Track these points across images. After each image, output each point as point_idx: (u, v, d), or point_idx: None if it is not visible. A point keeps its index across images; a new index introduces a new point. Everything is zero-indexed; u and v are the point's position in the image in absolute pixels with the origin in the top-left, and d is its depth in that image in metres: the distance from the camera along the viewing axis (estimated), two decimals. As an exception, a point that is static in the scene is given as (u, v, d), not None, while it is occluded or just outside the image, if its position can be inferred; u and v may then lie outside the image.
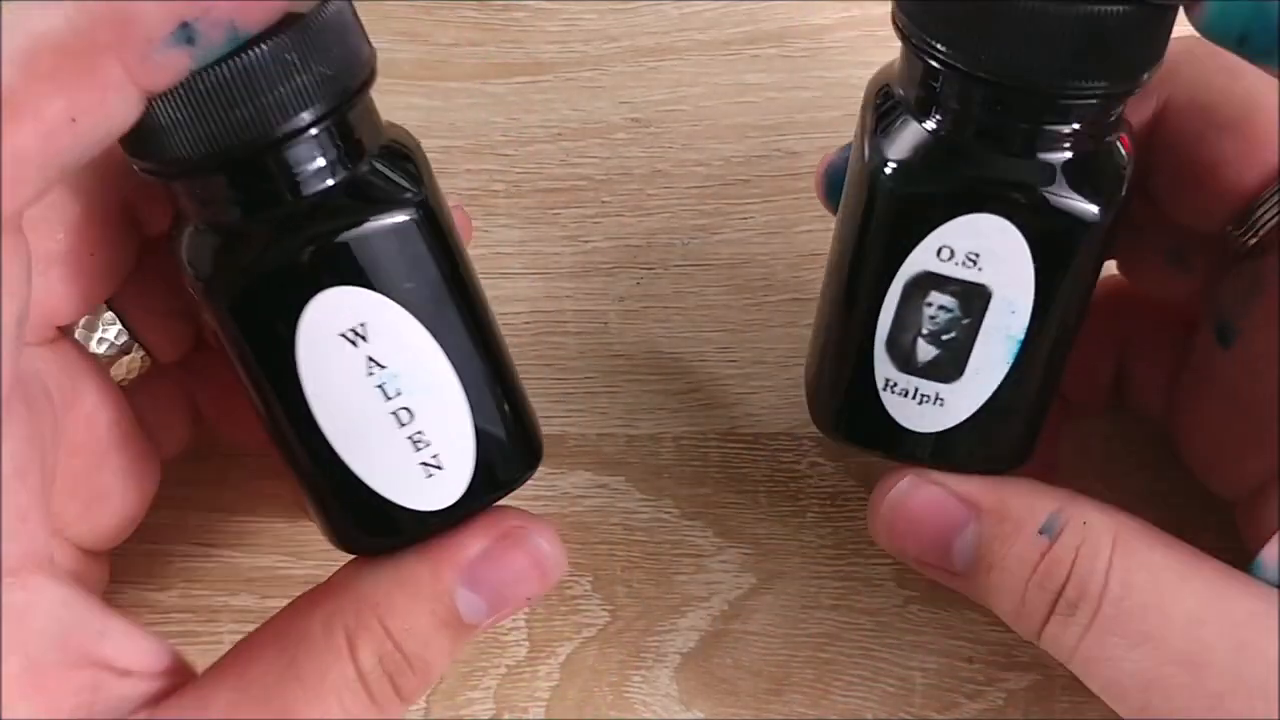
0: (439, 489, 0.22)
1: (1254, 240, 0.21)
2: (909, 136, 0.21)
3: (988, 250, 0.21)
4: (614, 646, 0.29)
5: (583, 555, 0.29)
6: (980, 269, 0.21)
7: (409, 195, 0.21)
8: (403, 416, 0.21)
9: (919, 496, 0.23)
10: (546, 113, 0.31)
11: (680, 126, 0.30)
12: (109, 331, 0.24)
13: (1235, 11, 0.16)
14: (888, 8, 0.19)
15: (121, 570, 0.29)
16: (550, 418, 0.30)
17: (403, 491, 0.22)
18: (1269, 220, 0.21)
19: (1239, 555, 0.21)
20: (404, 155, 0.22)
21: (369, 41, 0.21)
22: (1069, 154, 0.20)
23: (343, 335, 0.21)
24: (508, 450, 0.23)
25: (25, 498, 0.19)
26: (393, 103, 0.30)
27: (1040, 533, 0.22)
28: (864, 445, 0.24)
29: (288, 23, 0.19)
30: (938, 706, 0.28)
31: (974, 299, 0.21)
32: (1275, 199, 0.21)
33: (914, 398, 0.23)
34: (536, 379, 0.30)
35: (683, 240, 0.30)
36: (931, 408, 0.23)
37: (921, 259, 0.21)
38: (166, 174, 0.20)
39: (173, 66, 0.18)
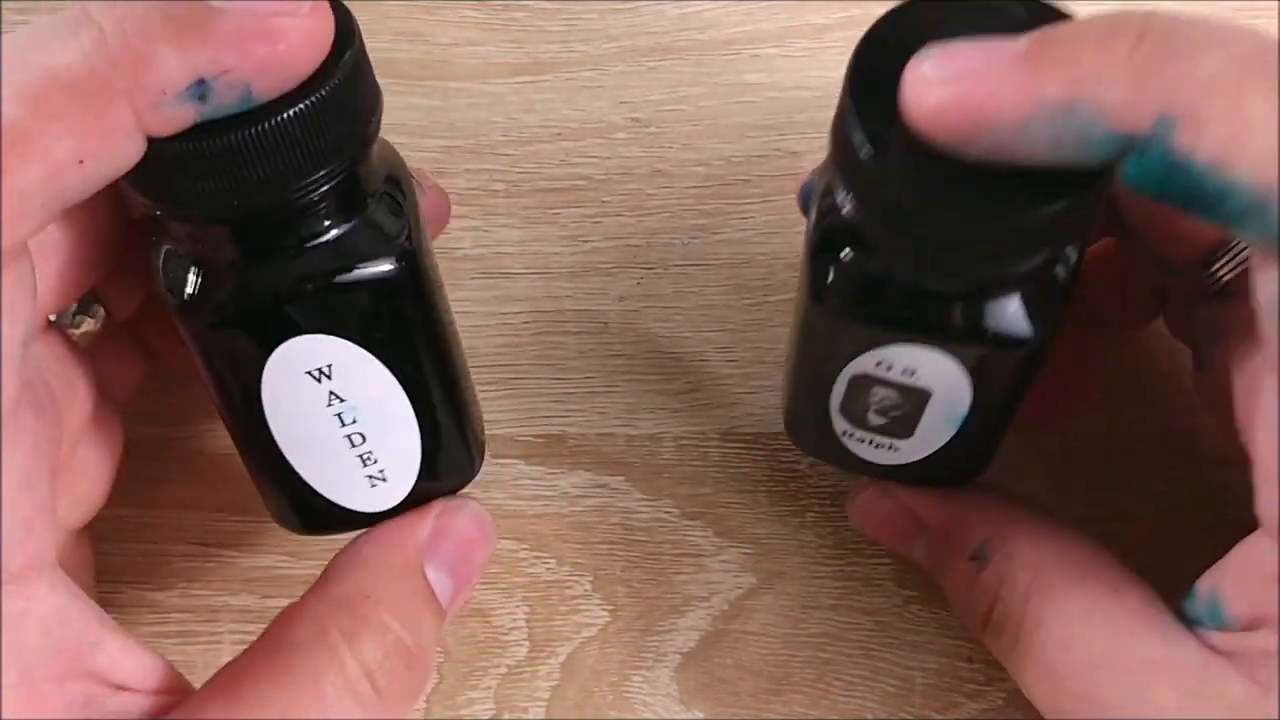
0: (381, 496, 0.23)
1: (1217, 286, 0.21)
2: (846, 263, 0.21)
3: (923, 367, 0.21)
4: (614, 646, 0.29)
5: (583, 555, 0.29)
6: (918, 378, 0.22)
7: (394, 248, 0.21)
8: (355, 440, 0.22)
9: (879, 508, 0.26)
10: (546, 113, 0.31)
11: (680, 126, 0.30)
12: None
13: (1150, 172, 0.17)
14: (888, 8, 0.19)
15: (121, 570, 0.29)
16: (550, 418, 0.30)
17: (346, 496, 0.23)
18: (1226, 272, 0.21)
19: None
20: (395, 196, 0.21)
21: (375, 81, 0.20)
22: (1005, 285, 0.20)
23: (309, 372, 0.21)
24: (451, 463, 0.24)
25: (31, 508, 0.19)
26: (393, 103, 0.30)
27: (971, 559, 0.23)
28: (834, 465, 0.26)
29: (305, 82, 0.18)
30: (938, 706, 0.28)
31: (914, 396, 0.22)
32: (1233, 250, 0.21)
33: (870, 444, 0.24)
34: (536, 379, 0.30)
35: (683, 240, 0.30)
36: (886, 451, 0.24)
37: (862, 365, 0.22)
38: (166, 216, 0.20)
39: (179, 120, 0.17)
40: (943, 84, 0.17)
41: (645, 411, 0.30)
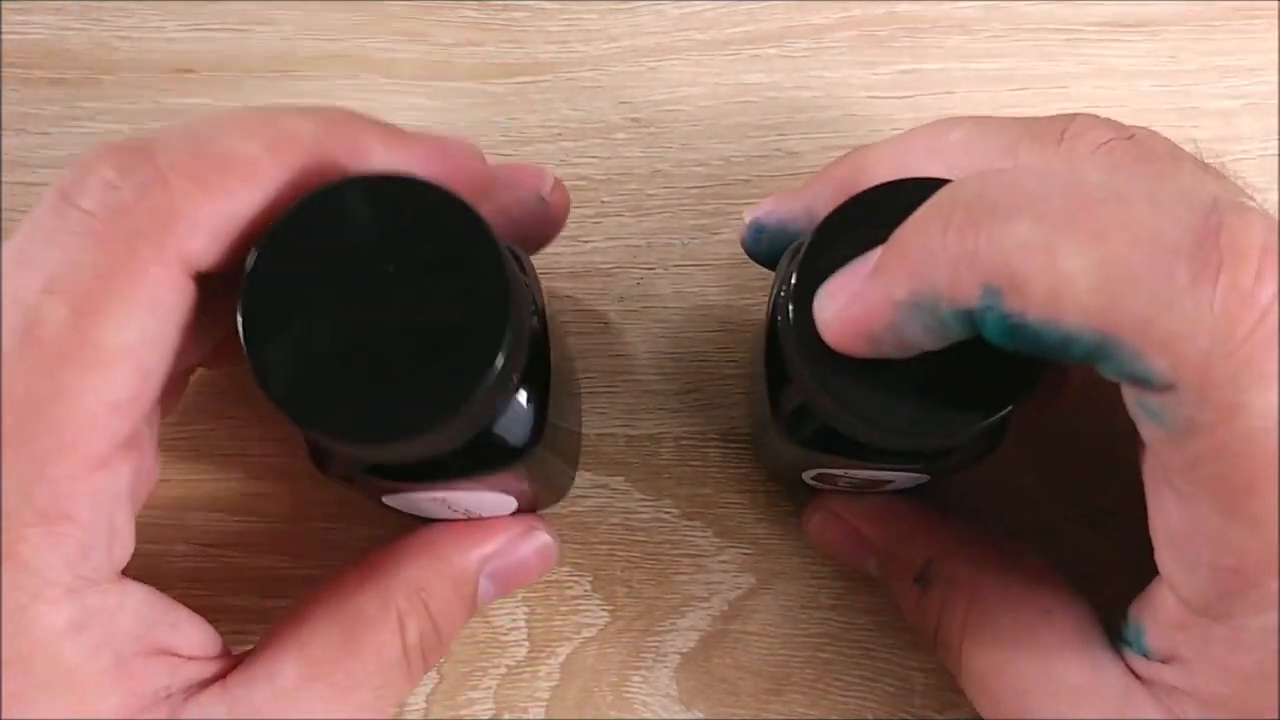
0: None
1: None
2: (791, 392, 0.22)
3: (878, 471, 0.23)
4: (614, 646, 0.29)
5: (583, 555, 0.29)
6: (876, 474, 0.24)
7: (528, 432, 0.21)
8: (456, 512, 0.25)
9: (829, 531, 0.27)
10: (546, 113, 0.31)
11: (680, 126, 0.30)
12: None
13: (997, 333, 0.18)
14: (888, 8, 0.19)
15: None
16: (550, 418, 0.30)
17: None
18: None
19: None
20: (541, 367, 0.22)
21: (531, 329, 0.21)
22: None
23: (429, 496, 0.23)
24: (545, 503, 0.28)
25: (124, 518, 0.21)
26: (393, 103, 0.30)
27: (915, 581, 0.25)
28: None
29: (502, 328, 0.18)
30: (938, 706, 0.28)
31: (878, 481, 0.25)
32: None
33: (839, 484, 0.26)
34: (536, 379, 0.30)
35: (683, 240, 0.30)
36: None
37: (822, 465, 0.24)
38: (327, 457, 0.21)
39: None
40: (832, 311, 0.19)
41: (645, 411, 0.30)
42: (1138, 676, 0.21)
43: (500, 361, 0.18)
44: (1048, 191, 0.17)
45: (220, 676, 0.22)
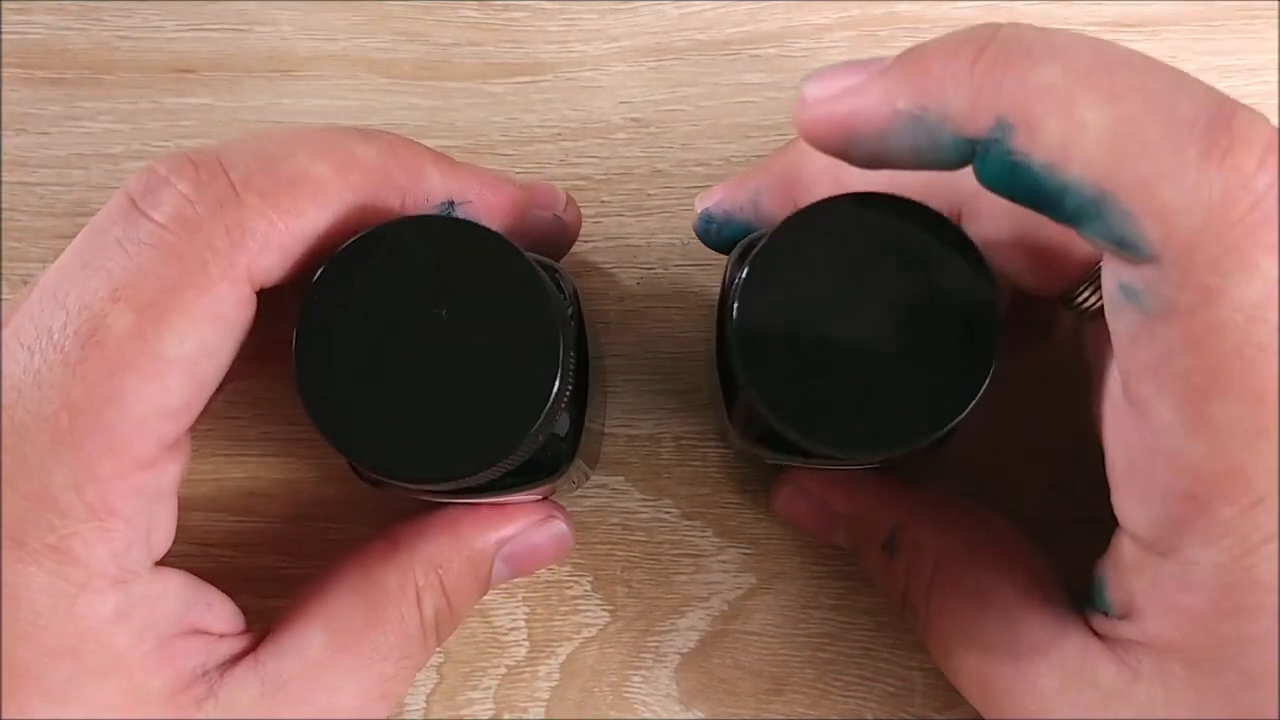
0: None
1: (1089, 311, 0.22)
2: (740, 397, 0.22)
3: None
4: (614, 646, 0.29)
5: (583, 555, 0.29)
6: (830, 466, 0.25)
7: (568, 454, 0.22)
8: (483, 502, 0.26)
9: (796, 504, 0.28)
10: (546, 113, 0.31)
11: (680, 126, 0.30)
12: None
13: (995, 171, 0.18)
14: (888, 8, 0.19)
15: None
16: (550, 418, 0.30)
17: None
18: (1090, 297, 0.22)
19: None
20: (581, 390, 0.23)
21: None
22: None
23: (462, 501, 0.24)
24: (563, 494, 0.28)
25: (166, 513, 0.22)
26: (392, 103, 0.30)
27: (882, 549, 0.25)
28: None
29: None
30: (937, 706, 0.28)
31: (832, 470, 0.26)
32: (1094, 279, 0.21)
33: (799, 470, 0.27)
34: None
35: (683, 240, 0.30)
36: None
37: (774, 460, 0.24)
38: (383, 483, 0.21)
39: None
40: (817, 103, 0.19)
41: (645, 411, 0.30)
42: (1099, 636, 0.22)
43: (552, 404, 0.19)
44: (1079, 49, 0.18)
45: (249, 650, 0.23)
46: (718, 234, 0.26)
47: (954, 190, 0.23)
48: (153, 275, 0.19)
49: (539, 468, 0.22)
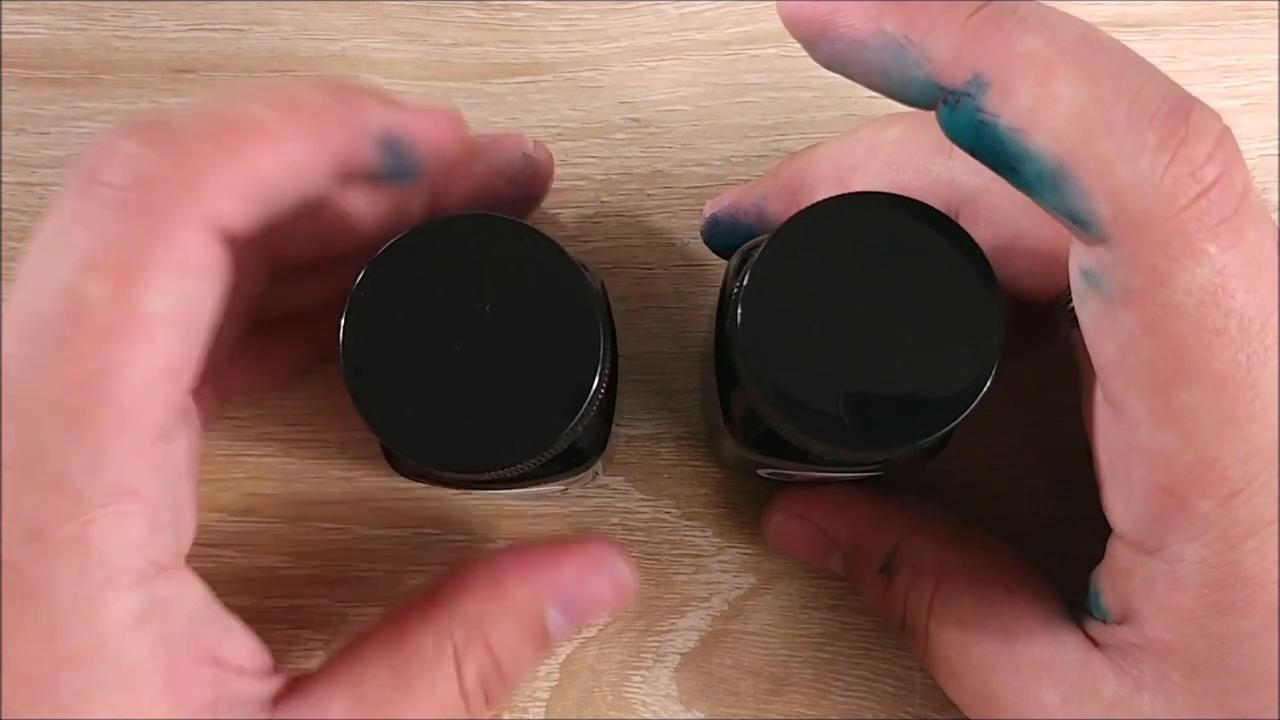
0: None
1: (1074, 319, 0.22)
2: (741, 395, 0.22)
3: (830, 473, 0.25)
4: (614, 646, 0.29)
5: (583, 555, 0.29)
6: (829, 473, 0.25)
7: (600, 443, 0.23)
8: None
9: (790, 529, 0.27)
10: (546, 113, 0.31)
11: (680, 126, 0.30)
12: None
13: (961, 125, 0.18)
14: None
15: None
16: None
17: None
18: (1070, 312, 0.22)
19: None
20: (613, 383, 0.23)
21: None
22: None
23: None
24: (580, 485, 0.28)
25: (187, 494, 0.21)
26: (393, 103, 0.30)
27: (881, 571, 0.25)
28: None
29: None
30: (937, 706, 0.28)
31: (830, 479, 0.26)
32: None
33: (794, 479, 0.27)
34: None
35: (683, 240, 0.30)
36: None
37: (773, 467, 0.24)
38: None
39: (368, 161, 0.21)
40: None
41: (645, 411, 0.30)
42: (1099, 645, 0.22)
43: (592, 397, 0.19)
44: (1067, 27, 0.18)
45: (274, 697, 0.22)
46: (723, 238, 0.26)
47: (951, 192, 0.23)
48: (119, 239, 0.19)
49: (572, 457, 0.22)
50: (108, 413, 0.19)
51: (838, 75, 0.19)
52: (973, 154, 0.19)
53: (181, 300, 0.19)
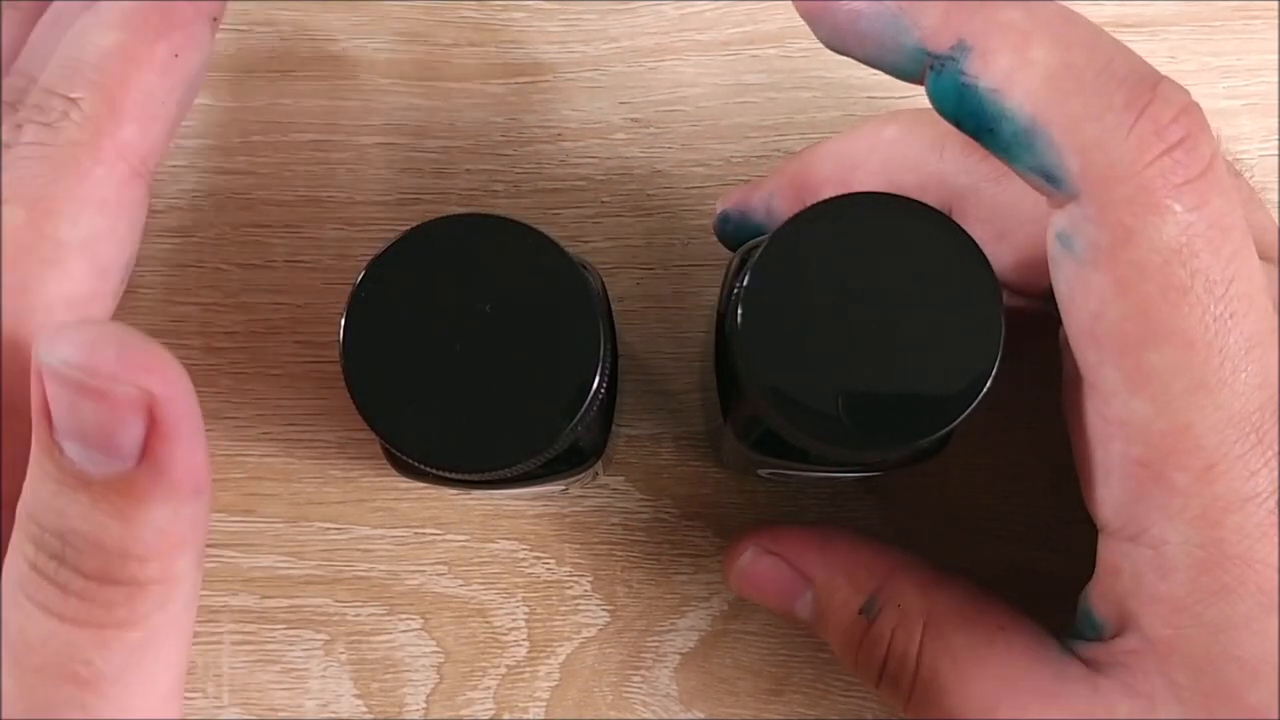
0: None
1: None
2: (738, 399, 0.22)
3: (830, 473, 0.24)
4: (614, 646, 0.29)
5: (583, 555, 0.29)
6: (830, 473, 0.24)
7: (600, 443, 0.23)
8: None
9: (760, 566, 0.26)
10: (546, 113, 0.31)
11: (680, 126, 0.30)
12: None
13: (945, 89, 0.19)
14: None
15: (121, 570, 0.29)
16: (550, 418, 0.30)
17: None
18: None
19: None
20: (613, 383, 0.23)
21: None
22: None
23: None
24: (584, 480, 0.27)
25: None
26: (393, 103, 0.30)
27: (861, 613, 0.24)
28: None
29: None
30: (937, 706, 0.28)
31: (831, 478, 0.26)
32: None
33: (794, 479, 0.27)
34: (536, 379, 0.30)
35: (683, 240, 0.30)
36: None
37: (772, 465, 0.24)
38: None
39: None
40: None
41: (645, 411, 0.30)
42: (1100, 669, 0.21)
43: (593, 397, 0.19)
44: (1045, 4, 0.19)
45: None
46: (734, 233, 0.27)
47: (944, 190, 0.23)
48: (33, 176, 0.21)
49: (573, 456, 0.22)
50: (8, 331, 0.20)
51: (838, 75, 0.19)
52: (956, 121, 0.20)
53: (92, 230, 0.22)
